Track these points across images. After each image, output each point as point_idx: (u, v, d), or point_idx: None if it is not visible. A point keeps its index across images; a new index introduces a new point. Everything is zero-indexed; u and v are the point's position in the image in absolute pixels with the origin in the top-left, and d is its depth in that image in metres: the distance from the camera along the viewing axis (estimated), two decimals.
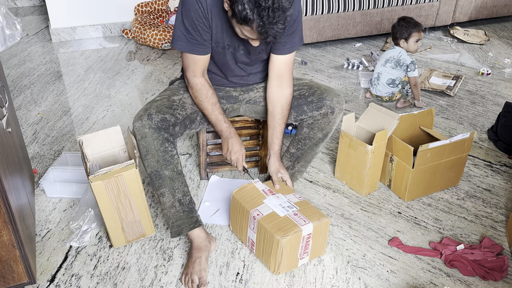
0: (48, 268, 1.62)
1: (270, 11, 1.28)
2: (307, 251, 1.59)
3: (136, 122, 1.54)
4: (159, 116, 1.54)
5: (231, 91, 1.78)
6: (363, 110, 2.63)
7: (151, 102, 1.64)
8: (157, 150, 1.53)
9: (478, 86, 2.96)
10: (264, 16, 1.28)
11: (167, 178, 1.56)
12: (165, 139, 1.54)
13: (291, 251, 1.54)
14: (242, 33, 1.41)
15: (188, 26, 1.50)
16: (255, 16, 1.29)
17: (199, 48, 1.55)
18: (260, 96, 1.79)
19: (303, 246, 1.55)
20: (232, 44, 1.58)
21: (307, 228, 1.52)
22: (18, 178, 1.62)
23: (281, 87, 1.67)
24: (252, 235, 1.61)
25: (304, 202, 1.64)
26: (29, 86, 2.92)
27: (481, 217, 1.87)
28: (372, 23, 3.52)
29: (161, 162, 1.54)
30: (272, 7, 1.27)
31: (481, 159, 2.23)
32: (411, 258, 1.67)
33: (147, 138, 1.52)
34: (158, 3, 3.80)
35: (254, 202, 1.62)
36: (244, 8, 1.28)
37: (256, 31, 1.33)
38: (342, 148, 1.98)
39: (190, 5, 1.47)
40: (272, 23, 1.30)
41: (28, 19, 4.10)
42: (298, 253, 1.56)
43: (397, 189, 1.97)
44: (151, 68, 3.19)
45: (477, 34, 3.70)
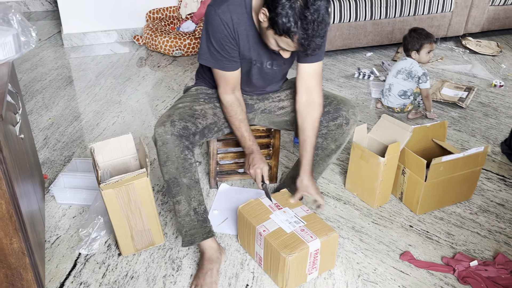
0: (57, 275, 1.62)
1: (315, 24, 1.29)
2: (315, 266, 1.57)
3: (159, 128, 1.53)
4: (182, 124, 1.54)
5: (247, 99, 1.79)
6: (374, 121, 2.62)
7: (174, 108, 1.63)
8: (177, 157, 1.52)
9: (490, 98, 2.93)
10: (309, 29, 1.29)
11: (184, 186, 1.55)
12: (186, 146, 1.53)
13: (298, 268, 1.52)
14: (277, 44, 1.40)
15: (215, 45, 1.50)
16: (298, 28, 1.30)
17: (228, 64, 1.55)
18: (275, 106, 1.78)
19: (311, 262, 1.53)
20: (259, 59, 1.59)
21: (314, 245, 1.50)
22: (29, 184, 1.62)
23: (311, 99, 1.63)
24: (259, 250, 1.59)
25: (311, 216, 1.62)
26: (41, 91, 2.94)
27: (495, 233, 1.84)
28: (384, 33, 3.51)
29: (180, 170, 1.53)
30: (317, 20, 1.29)
31: (494, 173, 2.20)
32: (423, 273, 1.64)
33: (169, 145, 1.51)
34: (169, 10, 3.82)
35: (260, 217, 1.59)
36: (289, 21, 1.29)
37: (297, 44, 1.34)
38: (354, 160, 1.96)
39: (215, 26, 1.46)
40: (315, 36, 1.31)
41: (41, 24, 4.14)
42: (306, 269, 1.54)
43: (408, 202, 1.95)
44: (162, 75, 3.20)
45: (489, 45, 3.68)
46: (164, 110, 2.72)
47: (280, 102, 1.78)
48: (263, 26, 1.40)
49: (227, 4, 1.45)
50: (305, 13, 1.28)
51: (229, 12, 1.45)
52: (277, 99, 1.79)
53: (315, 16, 1.28)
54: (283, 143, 2.40)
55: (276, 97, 1.79)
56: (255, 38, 1.51)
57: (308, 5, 1.28)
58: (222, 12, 1.44)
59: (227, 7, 1.44)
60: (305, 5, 1.28)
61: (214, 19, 1.45)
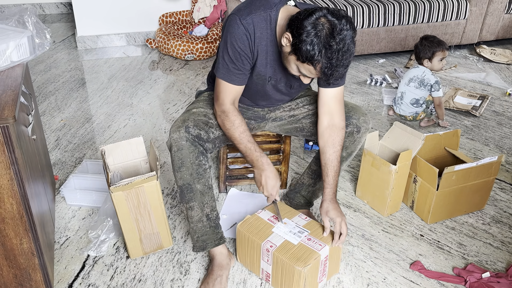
0: (65, 276, 1.62)
1: (339, 54, 1.27)
2: (325, 273, 1.55)
3: (174, 133, 1.51)
4: (196, 131, 1.52)
5: (259, 111, 1.76)
6: (385, 128, 2.59)
7: (189, 113, 1.60)
8: (192, 163, 1.51)
9: (505, 107, 2.89)
10: (333, 58, 1.27)
11: (198, 192, 1.54)
12: (200, 152, 1.52)
13: (312, 278, 1.50)
14: (299, 70, 1.38)
15: (231, 55, 1.45)
16: (322, 57, 1.27)
17: (237, 77, 1.50)
18: (286, 114, 1.77)
19: (321, 270, 1.52)
20: (275, 76, 1.55)
21: (324, 252, 1.49)
22: (40, 185, 1.63)
23: (333, 123, 1.58)
24: (266, 267, 1.55)
25: (312, 223, 1.60)
26: (54, 93, 2.97)
27: (508, 244, 1.81)
28: (397, 40, 3.49)
29: (194, 176, 1.52)
30: (342, 50, 1.27)
31: (508, 183, 2.17)
32: (433, 284, 1.62)
33: (184, 151, 1.50)
34: (182, 14, 3.84)
35: (263, 233, 1.55)
36: (313, 49, 1.27)
37: (320, 72, 1.32)
38: (365, 167, 1.94)
39: (238, 36, 1.42)
40: (339, 65, 1.29)
41: (56, 26, 4.19)
42: (318, 277, 1.53)
43: (420, 211, 1.92)
44: (174, 78, 3.21)
45: (504, 53, 3.64)
46: (175, 114, 2.72)
47: (291, 111, 1.76)
48: (286, 51, 1.37)
49: (252, 16, 1.41)
50: (330, 42, 1.26)
51: (253, 24, 1.42)
52: (288, 108, 1.77)
53: (341, 45, 1.26)
54: (293, 148, 2.39)
55: (287, 107, 1.77)
56: (275, 55, 1.48)
57: (334, 34, 1.26)
58: (247, 23, 1.41)
59: (252, 19, 1.41)
60: (331, 34, 1.26)
61: (237, 28, 1.41)
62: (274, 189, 1.55)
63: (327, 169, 1.58)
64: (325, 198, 1.58)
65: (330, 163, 1.57)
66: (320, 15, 1.27)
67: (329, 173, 1.58)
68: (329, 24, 1.27)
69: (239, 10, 1.44)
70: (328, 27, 1.26)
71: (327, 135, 1.58)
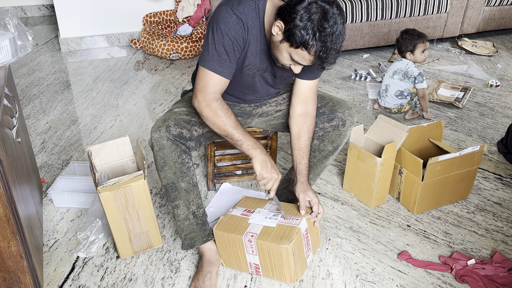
0: (55, 278, 1.62)
1: (333, 36, 1.30)
2: (309, 247, 1.60)
3: (155, 133, 1.52)
4: (177, 130, 1.52)
5: (245, 107, 1.77)
6: (371, 122, 2.62)
7: (170, 112, 1.61)
8: (174, 162, 1.52)
9: (487, 98, 2.94)
10: (327, 41, 1.30)
11: (183, 190, 1.55)
12: (183, 150, 1.53)
13: (299, 253, 1.54)
14: (291, 58, 1.38)
15: (226, 45, 1.42)
16: (317, 40, 1.29)
17: (226, 70, 1.47)
18: (272, 109, 1.78)
19: (305, 243, 1.56)
20: (262, 66, 1.56)
21: (303, 225, 1.54)
22: (26, 188, 1.62)
23: (307, 111, 1.64)
24: (253, 259, 1.57)
25: (283, 204, 1.66)
26: (38, 95, 2.94)
27: (492, 231, 1.85)
28: (380, 34, 3.53)
29: (178, 174, 1.53)
30: (336, 33, 1.30)
31: (491, 172, 2.21)
32: (421, 273, 1.65)
33: (165, 150, 1.51)
34: (166, 13, 3.83)
35: (240, 227, 1.57)
36: (308, 33, 1.29)
37: (314, 56, 1.33)
38: (351, 160, 1.97)
39: (231, 24, 1.41)
40: (333, 48, 1.32)
41: (38, 29, 4.15)
42: (304, 252, 1.56)
43: (406, 201, 1.95)
44: (159, 78, 3.21)
45: (485, 45, 3.70)
46: (161, 114, 2.72)
47: (277, 106, 1.78)
48: (277, 40, 1.37)
49: (243, 6, 1.42)
50: (324, 25, 1.28)
51: (245, 14, 1.42)
52: (274, 103, 1.79)
53: (334, 28, 1.29)
54: (281, 144, 2.41)
55: (273, 102, 1.79)
56: (262, 45, 1.48)
57: (327, 17, 1.28)
58: (240, 12, 1.41)
59: (243, 8, 1.42)
60: (324, 17, 1.28)
61: (230, 17, 1.40)
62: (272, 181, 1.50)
63: (302, 153, 1.64)
64: (302, 180, 1.63)
65: (305, 148, 1.64)
66: (311, 1, 1.29)
67: (305, 157, 1.64)
68: (321, 9, 1.29)
69: (228, 1, 1.44)
70: (321, 11, 1.29)
71: (302, 121, 1.64)
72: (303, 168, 1.64)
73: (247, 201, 1.73)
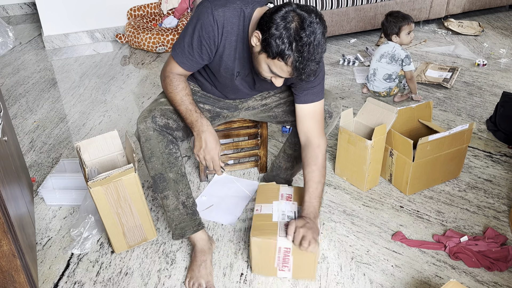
0: (50, 276, 1.61)
1: (310, 47, 1.24)
2: (286, 265, 1.52)
3: (140, 124, 1.51)
4: (163, 120, 1.51)
5: (230, 102, 1.75)
6: (360, 106, 2.63)
7: (156, 103, 1.59)
8: (161, 153, 1.51)
9: (474, 77, 2.95)
10: (304, 51, 1.24)
11: (171, 181, 1.54)
12: (170, 141, 1.51)
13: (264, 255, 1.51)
14: (270, 70, 1.33)
15: (195, 40, 1.41)
16: (293, 51, 1.24)
17: (188, 63, 1.47)
18: (258, 104, 1.76)
19: (279, 257, 1.50)
20: (243, 71, 1.51)
21: (283, 242, 1.46)
22: (16, 187, 1.60)
23: (309, 143, 1.55)
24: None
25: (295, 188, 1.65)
26: (24, 95, 2.91)
27: (484, 208, 1.87)
28: (366, 19, 3.52)
29: (166, 165, 1.52)
30: (313, 43, 1.24)
31: (481, 150, 2.23)
32: (415, 252, 1.66)
33: (152, 141, 1.50)
34: (150, 6, 3.79)
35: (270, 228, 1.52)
36: (283, 42, 1.23)
37: (291, 67, 1.27)
38: (342, 144, 1.97)
39: (205, 25, 1.38)
40: (310, 59, 1.26)
41: (21, 28, 4.08)
42: (274, 262, 1.51)
43: (398, 183, 1.96)
44: (146, 72, 3.18)
45: (471, 25, 3.70)
46: None
47: (263, 100, 1.76)
48: (256, 51, 1.33)
49: (225, 9, 1.38)
50: (300, 34, 1.23)
51: (224, 18, 1.38)
52: (260, 97, 1.76)
53: (311, 38, 1.23)
54: (271, 132, 2.40)
55: (258, 96, 1.76)
56: (244, 52, 1.44)
57: (304, 26, 1.23)
58: (218, 15, 1.37)
59: (224, 12, 1.38)
60: (300, 26, 1.23)
61: (207, 17, 1.38)
62: (214, 151, 1.48)
63: (304, 189, 1.54)
64: (302, 214, 1.50)
65: (306, 184, 1.54)
66: (289, 10, 1.25)
67: (305, 195, 1.53)
68: (298, 18, 1.24)
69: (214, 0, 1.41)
70: (298, 20, 1.24)
71: (304, 154, 1.56)
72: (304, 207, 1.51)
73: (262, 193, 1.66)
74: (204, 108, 1.69)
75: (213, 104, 1.71)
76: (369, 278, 1.57)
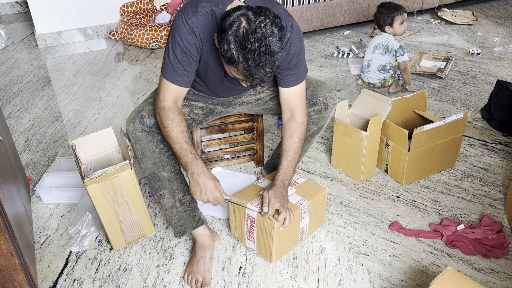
0: (49, 274, 1.61)
1: (256, 55, 1.20)
2: (252, 236, 1.58)
3: (129, 126, 1.51)
4: (152, 120, 1.50)
5: (223, 99, 1.74)
6: (355, 97, 2.63)
7: (144, 103, 1.58)
8: (152, 152, 1.51)
9: (468, 66, 2.96)
10: (249, 59, 1.21)
11: (165, 180, 1.54)
12: (160, 140, 1.51)
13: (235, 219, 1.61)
14: (230, 72, 1.33)
15: (178, 54, 1.40)
16: (240, 58, 1.21)
17: (181, 78, 1.44)
18: (252, 98, 1.76)
19: (247, 225, 1.57)
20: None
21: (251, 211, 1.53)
22: (12, 187, 1.60)
23: (294, 118, 1.57)
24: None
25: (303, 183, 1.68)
26: (18, 94, 2.89)
27: (480, 196, 1.88)
28: (360, 10, 3.51)
29: (158, 164, 1.52)
30: (258, 51, 1.20)
31: (476, 139, 2.24)
32: (412, 241, 1.67)
33: (141, 142, 1.50)
34: (143, 2, 3.77)
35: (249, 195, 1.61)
36: (230, 49, 1.21)
37: (242, 73, 1.25)
38: (337, 136, 1.97)
39: (183, 36, 1.38)
40: (258, 66, 1.22)
41: (13, 27, 4.05)
42: (244, 229, 1.61)
43: (394, 173, 1.97)
44: (141, 68, 3.17)
45: (464, 14, 3.70)
46: None
47: (256, 95, 1.76)
48: (219, 53, 1.29)
49: (197, 16, 1.36)
50: (245, 42, 1.19)
51: (199, 25, 1.37)
52: (253, 92, 1.76)
53: (256, 46, 1.19)
54: (267, 126, 2.40)
55: (252, 91, 1.76)
56: None
57: (248, 33, 1.19)
58: (193, 23, 1.36)
59: (197, 19, 1.36)
60: (246, 33, 1.19)
61: (183, 27, 1.37)
62: (215, 192, 1.45)
63: (281, 157, 1.56)
64: (274, 183, 1.52)
65: (286, 152, 1.55)
66: (239, 14, 1.21)
67: (283, 161, 1.55)
68: (246, 23, 1.20)
69: (185, 9, 1.39)
70: (245, 26, 1.20)
71: (287, 127, 1.58)
72: (278, 172, 1.55)
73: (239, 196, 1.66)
74: (197, 106, 1.68)
75: (205, 101, 1.70)
76: (367, 268, 1.58)
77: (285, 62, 1.47)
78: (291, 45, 1.44)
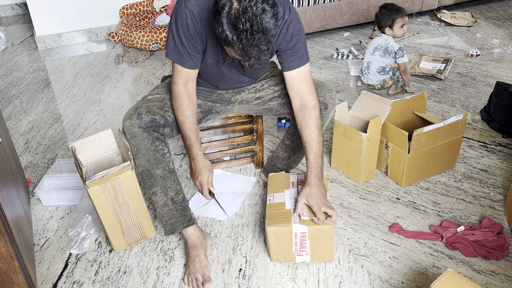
0: (48, 277, 1.61)
1: (248, 34, 1.21)
2: (304, 250, 1.55)
3: (126, 121, 1.53)
4: (149, 117, 1.53)
5: (223, 93, 1.75)
6: (355, 99, 2.63)
7: (143, 100, 1.61)
8: (147, 149, 1.52)
9: (468, 68, 2.96)
10: (243, 39, 1.22)
11: (158, 177, 1.55)
12: (156, 138, 1.53)
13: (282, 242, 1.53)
14: (230, 53, 1.35)
15: (183, 38, 1.44)
16: (234, 38, 1.23)
17: (188, 61, 1.49)
18: (251, 96, 1.77)
19: (296, 242, 1.53)
20: (229, 56, 1.50)
21: (298, 227, 1.49)
22: (12, 189, 1.60)
23: (304, 104, 1.55)
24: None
25: None
26: (18, 96, 2.89)
27: (479, 198, 1.88)
28: (359, 12, 3.52)
29: (152, 161, 1.53)
30: (251, 30, 1.21)
31: (475, 140, 2.24)
32: (412, 243, 1.67)
33: (137, 138, 1.51)
34: (143, 4, 3.77)
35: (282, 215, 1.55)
36: (224, 30, 1.23)
37: (239, 53, 1.28)
38: (337, 138, 1.97)
39: (183, 19, 1.41)
40: (252, 45, 1.24)
41: (12, 29, 4.05)
42: (292, 248, 1.54)
43: (394, 175, 1.97)
44: (140, 70, 3.17)
45: (464, 16, 3.71)
46: None
47: (256, 93, 1.76)
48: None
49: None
50: (237, 23, 1.21)
51: (199, 7, 1.40)
52: (253, 90, 1.77)
53: (247, 25, 1.20)
54: (267, 128, 2.40)
55: (252, 88, 1.77)
56: None
57: (239, 13, 1.20)
58: (192, 5, 1.40)
59: (196, 2, 1.40)
60: (238, 13, 1.20)
61: (183, 11, 1.41)
62: (201, 177, 1.54)
63: (306, 151, 1.55)
64: (308, 182, 1.52)
65: (308, 145, 1.54)
66: None
67: (309, 156, 1.54)
68: (237, 3, 1.21)
69: None
70: (236, 7, 1.21)
71: (301, 117, 1.56)
72: (308, 169, 1.54)
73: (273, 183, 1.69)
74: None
75: (204, 98, 1.71)
76: (367, 270, 1.57)
77: (285, 42, 1.50)
78: (289, 25, 1.47)
